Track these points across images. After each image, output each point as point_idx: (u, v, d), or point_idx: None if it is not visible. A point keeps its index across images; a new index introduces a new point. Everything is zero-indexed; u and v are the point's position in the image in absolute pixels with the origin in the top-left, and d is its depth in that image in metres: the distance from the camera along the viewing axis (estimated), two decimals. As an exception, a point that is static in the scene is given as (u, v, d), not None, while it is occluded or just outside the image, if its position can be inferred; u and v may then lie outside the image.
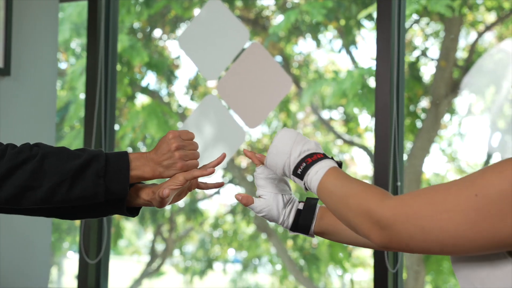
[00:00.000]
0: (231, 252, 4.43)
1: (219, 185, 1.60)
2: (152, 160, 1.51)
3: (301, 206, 1.49)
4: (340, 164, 1.36)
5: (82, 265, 2.99)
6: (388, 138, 2.66)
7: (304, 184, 1.34)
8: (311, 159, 1.34)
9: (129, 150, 4.29)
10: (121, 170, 1.48)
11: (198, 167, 1.59)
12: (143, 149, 4.43)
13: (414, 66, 3.86)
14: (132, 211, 1.62)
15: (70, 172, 1.45)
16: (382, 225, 1.16)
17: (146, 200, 1.58)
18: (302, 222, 1.48)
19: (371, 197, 1.20)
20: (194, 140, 1.59)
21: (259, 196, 1.48)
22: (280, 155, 1.38)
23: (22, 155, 1.45)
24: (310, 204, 1.49)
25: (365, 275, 4.11)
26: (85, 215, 1.64)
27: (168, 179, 1.56)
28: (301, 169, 1.34)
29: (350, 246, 4.07)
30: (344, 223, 1.26)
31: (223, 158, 1.59)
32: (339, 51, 4.08)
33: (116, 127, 4.18)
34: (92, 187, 1.46)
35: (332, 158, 1.35)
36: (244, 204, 1.47)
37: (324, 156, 1.35)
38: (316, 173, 1.32)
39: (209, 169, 1.54)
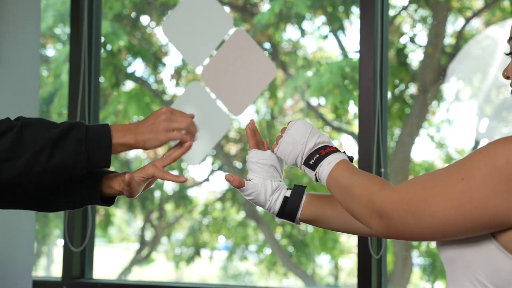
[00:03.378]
0: (221, 239, 4.44)
1: (180, 180, 1.58)
2: (135, 128, 1.52)
3: (288, 193, 1.50)
4: (351, 159, 1.41)
5: (67, 253, 2.99)
6: (371, 124, 2.66)
7: (316, 174, 1.38)
8: (324, 151, 1.39)
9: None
10: (103, 137, 1.48)
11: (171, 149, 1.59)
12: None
13: (402, 52, 3.85)
14: (107, 201, 1.62)
15: (49, 140, 1.45)
16: (380, 214, 1.20)
17: (117, 190, 1.58)
18: (289, 209, 1.50)
19: (372, 187, 1.24)
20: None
21: (249, 180, 1.50)
22: (295, 144, 1.42)
23: (1, 127, 1.45)
24: (297, 191, 1.50)
25: (349, 261, 4.12)
26: (62, 207, 1.63)
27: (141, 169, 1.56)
28: (313, 160, 1.39)
29: (337, 233, 4.08)
30: (349, 212, 1.30)
31: (187, 149, 1.58)
32: (326, 36, 4.07)
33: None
34: (73, 155, 1.46)
35: (344, 153, 1.40)
36: (236, 186, 1.49)
37: (336, 150, 1.40)
38: (328, 164, 1.36)
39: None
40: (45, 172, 1.46)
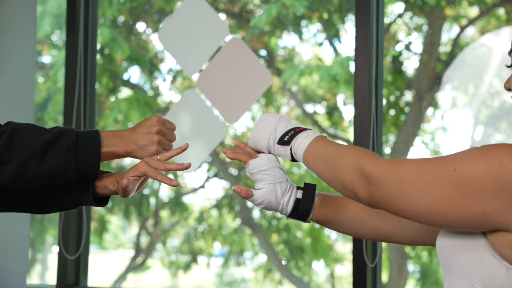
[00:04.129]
0: (216, 246, 4.43)
1: (172, 184, 1.54)
2: (126, 137, 1.51)
3: (299, 194, 1.50)
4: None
5: (61, 260, 2.99)
6: (366, 131, 2.66)
7: (291, 149, 1.39)
8: (299, 129, 1.41)
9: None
10: (92, 145, 1.48)
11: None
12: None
13: (397, 59, 3.86)
14: (100, 201, 1.62)
15: (40, 146, 1.44)
16: (370, 181, 1.21)
17: (111, 190, 1.58)
18: (301, 211, 1.49)
19: (363, 155, 1.26)
20: (175, 132, 1.59)
21: (259, 189, 1.49)
22: (267, 127, 1.43)
23: None
24: (308, 192, 1.50)
25: (345, 269, 4.12)
26: (56, 208, 1.63)
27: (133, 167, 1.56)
28: (288, 136, 1.40)
29: (332, 240, 4.08)
30: (331, 182, 1.30)
31: (183, 150, 1.58)
32: (321, 44, 4.08)
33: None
34: (63, 162, 1.46)
35: (320, 133, 1.41)
36: (244, 197, 1.48)
37: (311, 129, 1.41)
38: (306, 138, 1.37)
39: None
40: (34, 178, 1.46)
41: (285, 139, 1.40)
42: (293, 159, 1.42)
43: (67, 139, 1.46)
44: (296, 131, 1.40)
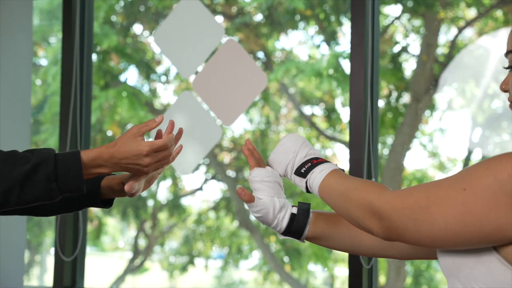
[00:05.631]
0: (215, 249, 4.43)
1: (179, 149, 1.58)
2: (112, 158, 1.46)
3: (294, 210, 1.49)
4: (343, 171, 1.40)
5: (58, 262, 2.98)
6: (362, 132, 2.66)
7: (307, 182, 1.38)
8: (316, 161, 1.40)
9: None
10: (73, 172, 1.44)
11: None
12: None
13: (396, 59, 3.86)
14: (105, 203, 1.62)
15: (17, 180, 1.42)
16: (381, 216, 1.20)
17: (117, 191, 1.57)
18: (296, 227, 1.48)
19: (371, 190, 1.25)
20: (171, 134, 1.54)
21: (259, 199, 1.47)
22: (287, 153, 1.43)
23: None
24: (303, 209, 1.49)
25: (343, 271, 4.12)
26: (60, 211, 1.63)
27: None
28: (305, 168, 1.39)
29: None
30: (346, 217, 1.30)
31: (172, 126, 1.55)
32: (318, 46, 4.08)
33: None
34: (45, 191, 1.44)
35: (336, 165, 1.40)
36: (246, 200, 1.46)
37: (328, 161, 1.40)
38: (321, 172, 1.36)
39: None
40: (20, 204, 1.45)
41: (302, 171, 1.40)
42: (308, 191, 1.41)
43: (46, 169, 1.43)
44: (313, 164, 1.39)
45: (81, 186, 1.46)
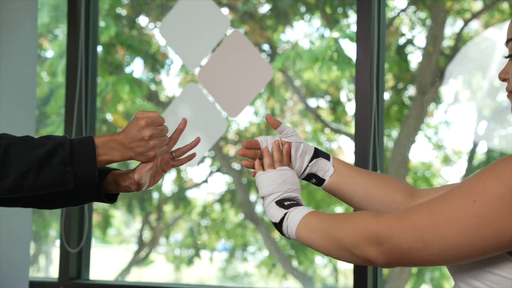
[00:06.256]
0: (220, 241, 4.44)
1: (192, 156, 1.62)
2: (122, 144, 1.49)
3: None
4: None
5: (63, 254, 2.99)
6: (368, 125, 2.65)
7: (287, 214, 1.32)
8: (299, 203, 1.36)
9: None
10: (87, 156, 1.47)
11: (173, 149, 1.60)
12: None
13: (402, 50, 3.85)
14: (110, 198, 1.63)
15: (35, 161, 1.44)
16: (380, 240, 1.15)
17: (124, 186, 1.58)
18: (322, 154, 1.44)
19: (365, 216, 1.19)
20: (167, 124, 1.58)
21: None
22: (282, 184, 1.37)
23: None
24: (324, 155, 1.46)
25: (348, 264, 4.12)
26: (64, 204, 1.64)
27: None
28: (289, 202, 1.34)
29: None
30: (337, 254, 1.24)
31: (196, 143, 1.61)
32: (323, 36, 4.07)
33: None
34: (60, 175, 1.46)
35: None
36: (272, 123, 1.42)
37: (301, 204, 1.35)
38: (305, 209, 1.31)
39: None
40: (33, 190, 1.47)
41: (286, 204, 1.34)
42: (281, 224, 1.34)
43: (62, 152, 1.45)
44: (295, 203, 1.34)
45: (94, 172, 1.48)
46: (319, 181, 1.45)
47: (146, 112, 1.53)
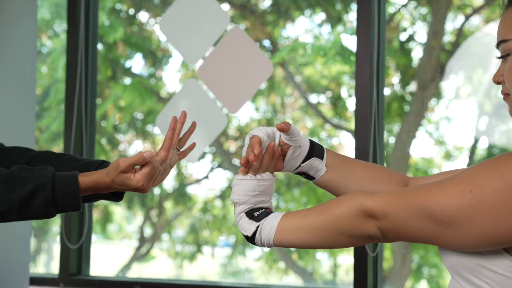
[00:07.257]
0: (221, 237, 4.44)
1: (193, 146, 1.68)
2: (109, 187, 1.53)
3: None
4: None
5: (64, 250, 3.00)
6: (368, 120, 2.65)
7: (261, 222, 1.28)
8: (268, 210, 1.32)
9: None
10: (70, 195, 1.50)
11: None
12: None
13: (402, 47, 3.84)
14: (117, 196, 1.65)
15: (14, 203, 1.48)
16: (377, 216, 1.16)
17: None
18: (317, 147, 1.41)
19: (357, 197, 1.19)
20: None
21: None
22: (260, 195, 1.34)
23: None
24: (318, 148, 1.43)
25: (348, 259, 4.12)
26: None
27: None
28: (259, 213, 1.30)
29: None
30: (333, 243, 1.22)
31: (194, 127, 1.63)
32: (320, 28, 4.07)
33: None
34: (42, 213, 1.51)
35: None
36: (281, 128, 1.35)
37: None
38: (270, 222, 1.28)
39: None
40: (18, 220, 1.53)
41: (255, 214, 1.30)
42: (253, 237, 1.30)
43: (44, 193, 1.48)
44: (266, 212, 1.31)
45: (78, 208, 1.52)
46: (310, 178, 1.44)
47: (127, 160, 1.50)
